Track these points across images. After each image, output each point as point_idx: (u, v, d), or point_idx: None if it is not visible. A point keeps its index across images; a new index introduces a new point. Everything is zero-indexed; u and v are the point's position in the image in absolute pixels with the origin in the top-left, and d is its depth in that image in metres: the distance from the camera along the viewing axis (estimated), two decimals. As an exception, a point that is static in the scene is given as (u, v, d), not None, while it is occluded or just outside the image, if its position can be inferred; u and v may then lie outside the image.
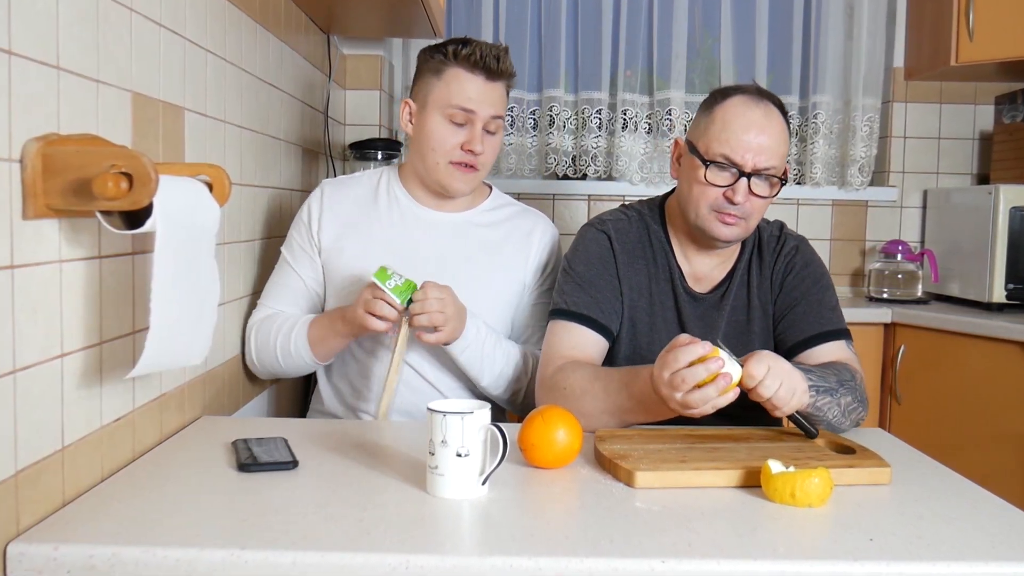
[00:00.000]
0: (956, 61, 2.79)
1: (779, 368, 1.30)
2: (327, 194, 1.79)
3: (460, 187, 1.73)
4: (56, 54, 1.02)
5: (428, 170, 1.73)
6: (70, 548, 0.93)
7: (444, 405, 1.15)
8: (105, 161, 0.98)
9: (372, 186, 1.81)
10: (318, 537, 0.97)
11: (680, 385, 1.26)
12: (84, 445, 1.11)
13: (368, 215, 1.78)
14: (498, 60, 1.68)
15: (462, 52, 1.67)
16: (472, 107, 1.68)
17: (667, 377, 1.27)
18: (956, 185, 3.14)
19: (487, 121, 1.70)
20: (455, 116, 1.68)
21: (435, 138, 1.69)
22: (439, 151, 1.70)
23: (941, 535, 1.03)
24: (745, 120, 1.51)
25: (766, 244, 1.66)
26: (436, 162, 1.71)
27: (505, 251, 1.78)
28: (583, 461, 1.28)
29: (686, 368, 1.26)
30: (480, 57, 1.67)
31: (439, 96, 1.69)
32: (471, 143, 1.68)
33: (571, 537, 1.00)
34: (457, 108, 1.67)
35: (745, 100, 1.53)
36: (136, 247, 1.23)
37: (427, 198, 1.78)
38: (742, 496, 1.15)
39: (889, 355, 2.69)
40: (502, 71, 1.69)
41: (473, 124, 1.69)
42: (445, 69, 1.69)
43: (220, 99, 1.59)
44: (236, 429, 1.42)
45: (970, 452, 2.43)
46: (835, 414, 1.41)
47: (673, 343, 1.30)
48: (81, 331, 1.10)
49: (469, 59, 1.67)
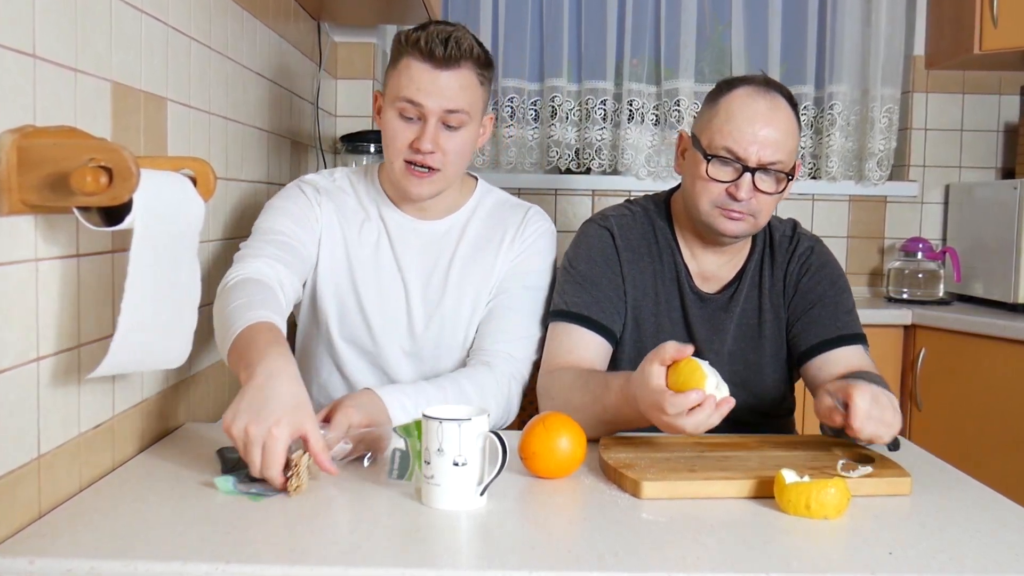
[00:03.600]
0: (979, 49, 2.79)
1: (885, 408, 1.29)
2: (322, 188, 1.70)
3: (415, 191, 1.61)
4: (32, 42, 1.02)
5: (389, 170, 1.64)
6: (47, 562, 0.93)
7: (440, 411, 1.14)
8: (83, 154, 0.98)
9: (354, 190, 1.73)
10: (307, 551, 0.97)
11: (680, 430, 1.24)
12: (61, 454, 1.11)
13: (357, 223, 1.70)
14: (446, 44, 1.54)
15: (412, 36, 1.56)
16: (419, 99, 1.55)
17: (665, 421, 1.24)
18: (979, 179, 3.14)
19: (442, 115, 1.56)
20: (405, 110, 1.57)
21: (388, 135, 1.61)
22: (391, 149, 1.61)
23: (964, 548, 1.03)
24: (750, 112, 1.50)
25: (778, 244, 1.66)
26: (391, 161, 1.62)
27: (492, 253, 1.69)
28: (587, 470, 1.28)
29: (687, 417, 1.23)
30: (426, 42, 1.54)
31: (393, 88, 1.59)
32: (419, 140, 1.56)
33: (574, 551, 1.00)
34: (405, 101, 1.56)
35: (751, 91, 1.52)
36: (116, 245, 1.23)
37: (406, 203, 1.70)
38: (754, 507, 1.15)
39: (909, 359, 2.70)
40: (452, 56, 1.54)
41: (426, 119, 1.56)
42: (400, 57, 1.59)
43: (204, 89, 1.59)
44: (221, 437, 1.41)
45: (994, 461, 2.43)
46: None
47: (661, 352, 1.26)
48: (58, 333, 1.10)
49: (418, 44, 1.55)
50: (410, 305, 1.67)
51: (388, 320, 1.67)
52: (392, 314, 1.67)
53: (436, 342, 1.67)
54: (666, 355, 1.25)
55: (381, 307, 1.67)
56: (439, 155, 1.58)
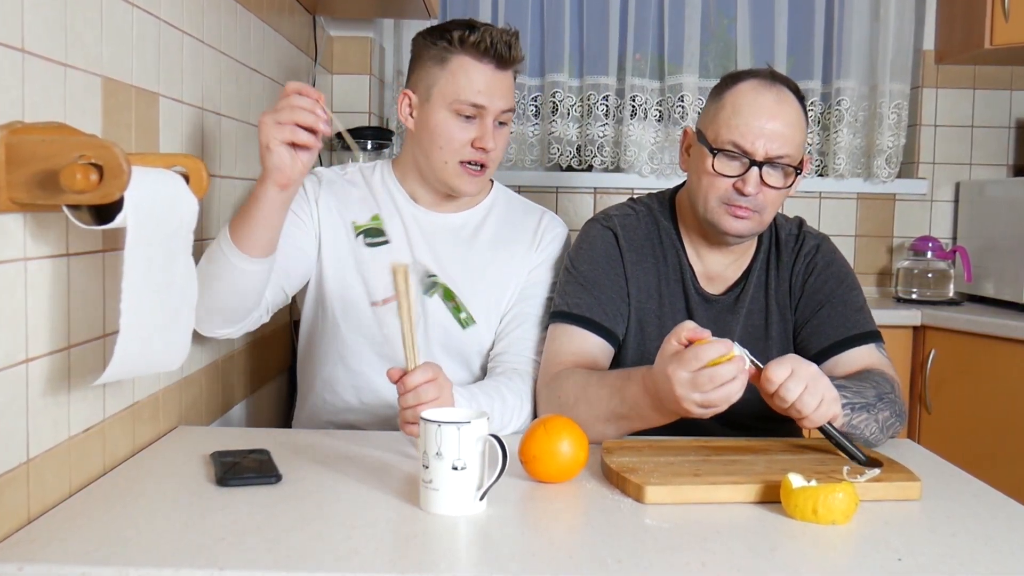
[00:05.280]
0: (991, 43, 2.79)
1: (804, 371, 1.29)
2: (325, 181, 1.74)
3: (468, 189, 1.70)
4: (21, 36, 1.02)
5: (434, 169, 1.68)
6: (36, 568, 0.93)
7: (439, 414, 1.15)
8: (73, 151, 0.98)
9: (367, 183, 1.77)
10: (303, 556, 0.97)
11: (705, 385, 1.24)
12: (51, 457, 1.11)
13: (358, 212, 1.74)
14: (510, 47, 1.63)
15: (470, 38, 1.62)
16: (483, 101, 1.63)
17: (686, 377, 1.25)
18: (991, 177, 3.14)
19: (498, 114, 1.65)
20: (464, 111, 1.63)
21: (442, 136, 1.65)
22: (447, 149, 1.65)
23: (975, 554, 1.03)
24: (756, 105, 1.51)
25: (784, 243, 1.66)
26: (444, 161, 1.66)
27: (509, 253, 1.75)
28: (589, 475, 1.28)
29: (711, 367, 1.24)
30: (491, 44, 1.61)
31: (445, 88, 1.64)
32: (482, 140, 1.64)
33: (576, 557, 1.00)
34: (466, 103, 1.63)
35: (757, 84, 1.53)
36: (107, 244, 1.23)
37: (426, 197, 1.75)
38: (760, 512, 1.15)
39: (918, 360, 2.69)
40: (513, 58, 1.65)
41: (483, 118, 1.64)
42: (450, 57, 1.64)
43: (197, 84, 1.59)
44: (214, 440, 1.41)
45: (1006, 465, 2.43)
46: (872, 431, 1.40)
47: (679, 331, 1.29)
48: (47, 334, 1.10)
49: (478, 46, 1.61)
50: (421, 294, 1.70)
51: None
52: None
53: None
54: (682, 334, 1.28)
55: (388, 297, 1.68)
56: (493, 152, 1.67)
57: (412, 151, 1.74)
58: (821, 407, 1.28)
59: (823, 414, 1.29)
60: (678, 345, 1.28)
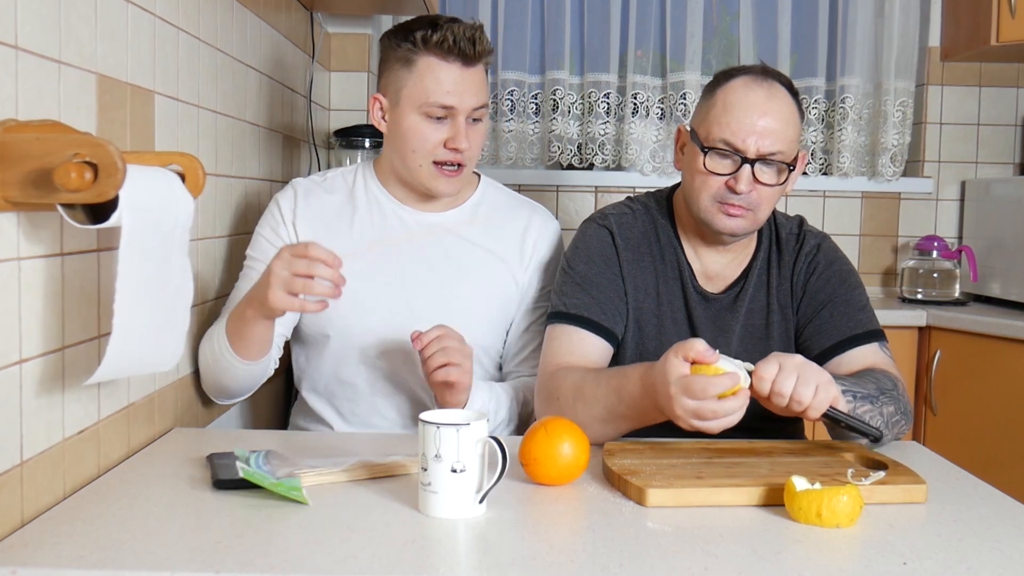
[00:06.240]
0: (997, 40, 2.79)
1: (790, 362, 1.28)
2: (301, 194, 1.74)
3: (446, 190, 1.69)
4: (14, 33, 1.02)
5: (410, 172, 1.68)
6: (29, 572, 0.93)
7: (438, 416, 1.15)
8: (67, 149, 0.98)
9: (347, 187, 1.77)
10: (300, 560, 0.97)
11: (707, 415, 1.25)
12: (44, 460, 1.11)
13: (347, 220, 1.74)
14: (474, 43, 1.61)
15: (433, 38, 1.60)
16: (452, 102, 1.61)
17: (692, 406, 1.26)
18: (997, 175, 3.14)
19: (470, 112, 1.64)
20: (434, 112, 1.62)
21: (414, 138, 1.64)
22: (420, 152, 1.65)
23: (982, 559, 1.03)
24: (747, 102, 1.51)
25: (785, 242, 1.66)
26: (418, 164, 1.66)
27: (498, 251, 1.75)
28: (590, 477, 1.28)
29: (715, 403, 1.24)
30: (455, 42, 1.59)
31: (413, 91, 1.62)
32: (455, 140, 1.63)
33: (576, 560, 1.00)
34: (435, 105, 1.61)
35: (748, 81, 1.53)
36: (102, 243, 1.23)
37: (409, 197, 1.75)
38: (764, 516, 1.15)
39: (924, 361, 2.69)
40: (479, 53, 1.62)
41: (455, 118, 1.63)
42: (415, 59, 1.62)
43: (193, 82, 1.59)
44: (211, 442, 1.41)
45: (1013, 467, 2.43)
46: (878, 424, 1.39)
47: (686, 348, 1.28)
48: (41, 335, 1.10)
49: (442, 45, 1.59)
50: (410, 294, 1.70)
51: (387, 309, 1.70)
52: (390, 304, 1.70)
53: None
54: (689, 353, 1.27)
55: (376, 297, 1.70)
56: (468, 150, 1.65)
57: (390, 154, 1.73)
58: (819, 393, 1.27)
59: (822, 399, 1.28)
60: (684, 363, 1.28)
